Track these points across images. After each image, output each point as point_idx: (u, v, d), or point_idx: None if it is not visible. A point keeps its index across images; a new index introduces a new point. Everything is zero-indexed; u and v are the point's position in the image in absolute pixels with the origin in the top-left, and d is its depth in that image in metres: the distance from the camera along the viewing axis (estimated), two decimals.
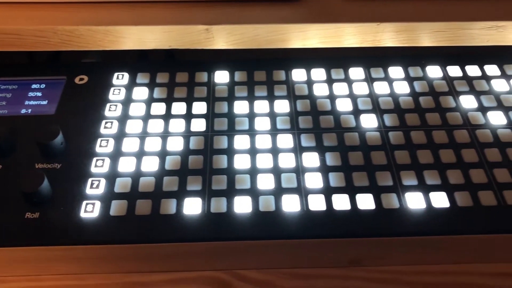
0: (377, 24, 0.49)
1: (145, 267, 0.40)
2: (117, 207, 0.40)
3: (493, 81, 0.51)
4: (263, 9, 0.50)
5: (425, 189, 0.41)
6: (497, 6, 0.50)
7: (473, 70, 0.52)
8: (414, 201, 0.41)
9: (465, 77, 0.51)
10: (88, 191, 0.41)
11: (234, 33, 0.49)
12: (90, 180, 0.42)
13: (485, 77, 0.51)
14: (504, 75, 0.51)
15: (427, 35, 0.50)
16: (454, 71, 0.52)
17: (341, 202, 0.41)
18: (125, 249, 0.40)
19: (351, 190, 0.41)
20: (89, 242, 0.39)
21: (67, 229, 0.39)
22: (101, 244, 0.39)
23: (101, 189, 0.42)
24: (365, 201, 0.41)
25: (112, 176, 0.42)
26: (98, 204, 0.41)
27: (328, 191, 0.41)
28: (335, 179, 0.42)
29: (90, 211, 0.40)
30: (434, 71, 0.52)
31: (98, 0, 0.50)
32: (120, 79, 0.51)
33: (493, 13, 0.49)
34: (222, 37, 0.50)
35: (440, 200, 0.41)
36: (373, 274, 0.41)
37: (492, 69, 0.52)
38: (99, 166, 0.43)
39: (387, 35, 0.50)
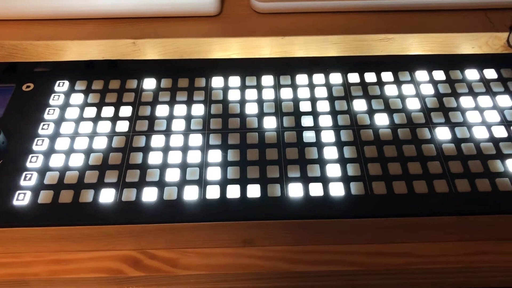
0: (281, 38, 0.56)
1: (68, 246, 0.48)
2: (44, 196, 0.48)
3: (386, 87, 0.57)
4: (183, 24, 0.57)
5: (306, 180, 0.48)
6: (385, 21, 0.56)
7: (370, 77, 0.59)
8: (295, 190, 0.48)
9: (362, 83, 0.58)
10: (22, 183, 0.49)
11: (158, 46, 0.56)
12: (24, 173, 0.50)
13: (380, 83, 0.58)
14: (396, 81, 0.58)
15: (328, 46, 0.57)
16: (353, 77, 0.59)
17: (233, 192, 0.48)
18: (50, 231, 0.47)
19: (244, 181, 0.49)
20: (20, 225, 0.47)
21: (2, 214, 0.47)
22: (30, 227, 0.47)
23: (33, 181, 0.49)
24: (253, 191, 0.48)
25: (43, 170, 0.50)
26: (29, 193, 0.48)
27: (224, 183, 0.49)
28: (231, 172, 0.49)
29: (21, 199, 0.48)
30: (335, 78, 0.59)
31: (39, 18, 0.57)
32: (61, 86, 0.59)
33: (382, 27, 0.56)
34: (148, 49, 0.57)
35: (316, 189, 0.48)
36: (263, 252, 0.49)
37: (387, 76, 0.59)
38: (33, 162, 0.51)
39: (294, 47, 0.57)
